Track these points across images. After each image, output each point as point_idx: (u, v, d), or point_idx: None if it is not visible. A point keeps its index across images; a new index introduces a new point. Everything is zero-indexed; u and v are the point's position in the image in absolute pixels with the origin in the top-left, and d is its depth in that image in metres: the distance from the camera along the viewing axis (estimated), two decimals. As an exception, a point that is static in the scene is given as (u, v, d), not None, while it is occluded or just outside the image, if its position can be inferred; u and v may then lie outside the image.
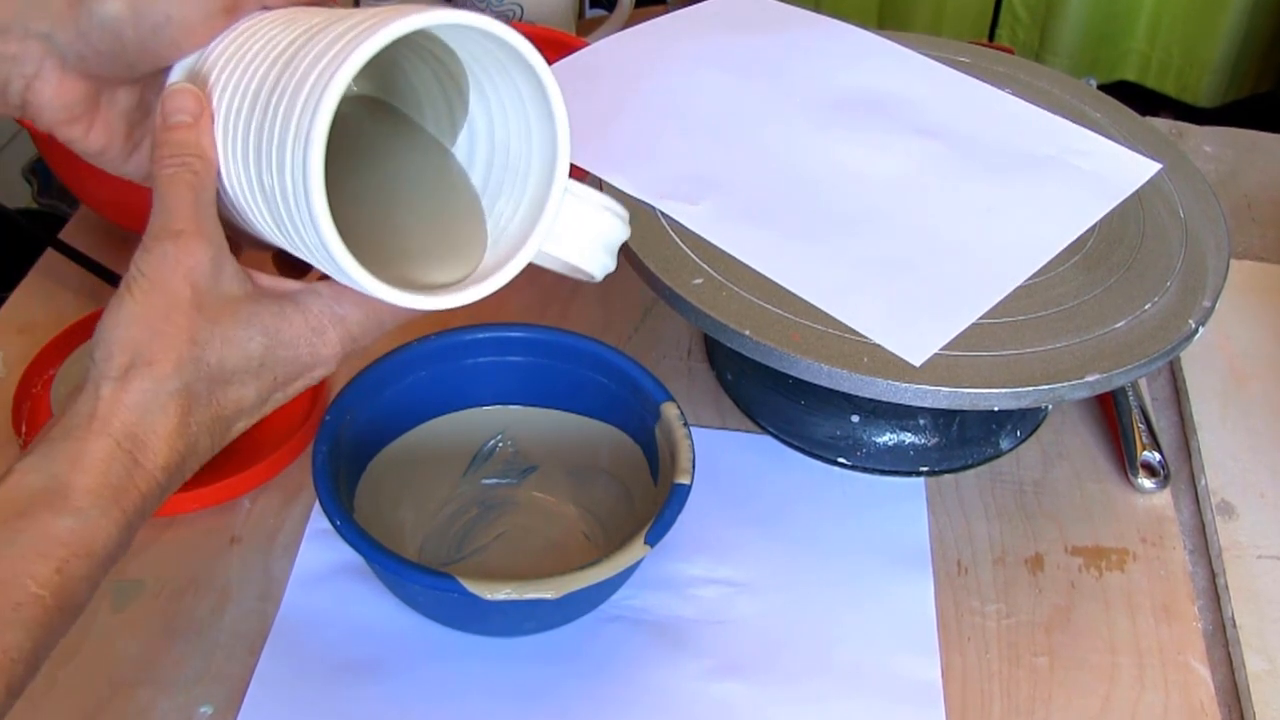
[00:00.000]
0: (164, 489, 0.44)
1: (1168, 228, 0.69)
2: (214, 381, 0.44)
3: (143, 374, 0.43)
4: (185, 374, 0.43)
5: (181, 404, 0.43)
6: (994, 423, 0.70)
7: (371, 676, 0.59)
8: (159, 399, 0.43)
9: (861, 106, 0.74)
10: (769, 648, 0.61)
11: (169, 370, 0.43)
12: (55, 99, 0.47)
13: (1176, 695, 0.60)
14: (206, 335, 0.44)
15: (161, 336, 0.43)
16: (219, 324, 0.44)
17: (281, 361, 0.45)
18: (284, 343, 0.45)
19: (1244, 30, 1.49)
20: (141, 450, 0.43)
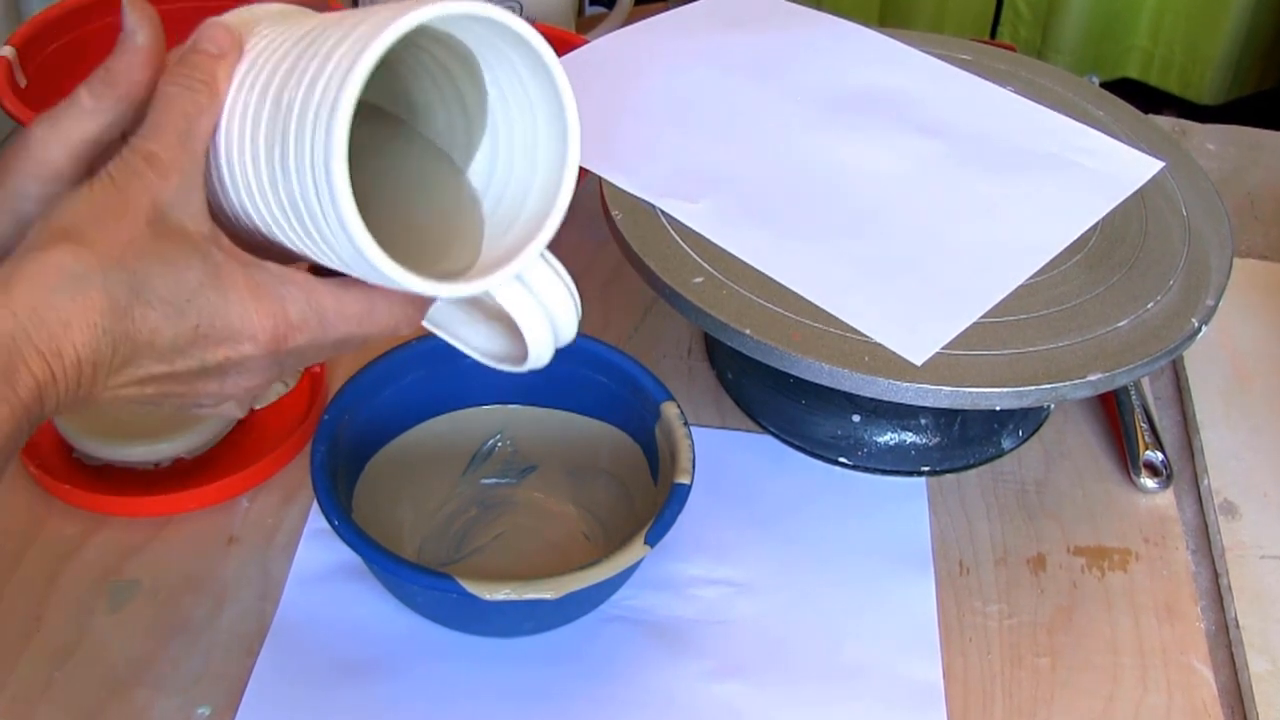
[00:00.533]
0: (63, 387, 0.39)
1: (1170, 226, 0.69)
2: (136, 294, 0.40)
3: (68, 251, 0.39)
4: (110, 272, 0.40)
5: (97, 299, 0.39)
6: (996, 422, 0.70)
7: (370, 677, 0.58)
8: (75, 282, 0.39)
9: (863, 104, 0.74)
10: (769, 648, 0.61)
11: (95, 259, 0.40)
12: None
13: (1179, 696, 0.60)
14: (146, 247, 0.41)
15: (103, 229, 0.40)
16: (164, 241, 0.41)
17: (209, 308, 0.42)
18: (218, 288, 0.42)
19: (1247, 27, 1.49)
20: (39, 330, 0.38)
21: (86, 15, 0.84)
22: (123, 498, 0.64)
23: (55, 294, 0.39)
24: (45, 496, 0.65)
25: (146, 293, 0.41)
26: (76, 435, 0.65)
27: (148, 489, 0.65)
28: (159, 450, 0.65)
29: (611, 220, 0.66)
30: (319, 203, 0.41)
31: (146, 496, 0.64)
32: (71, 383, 0.40)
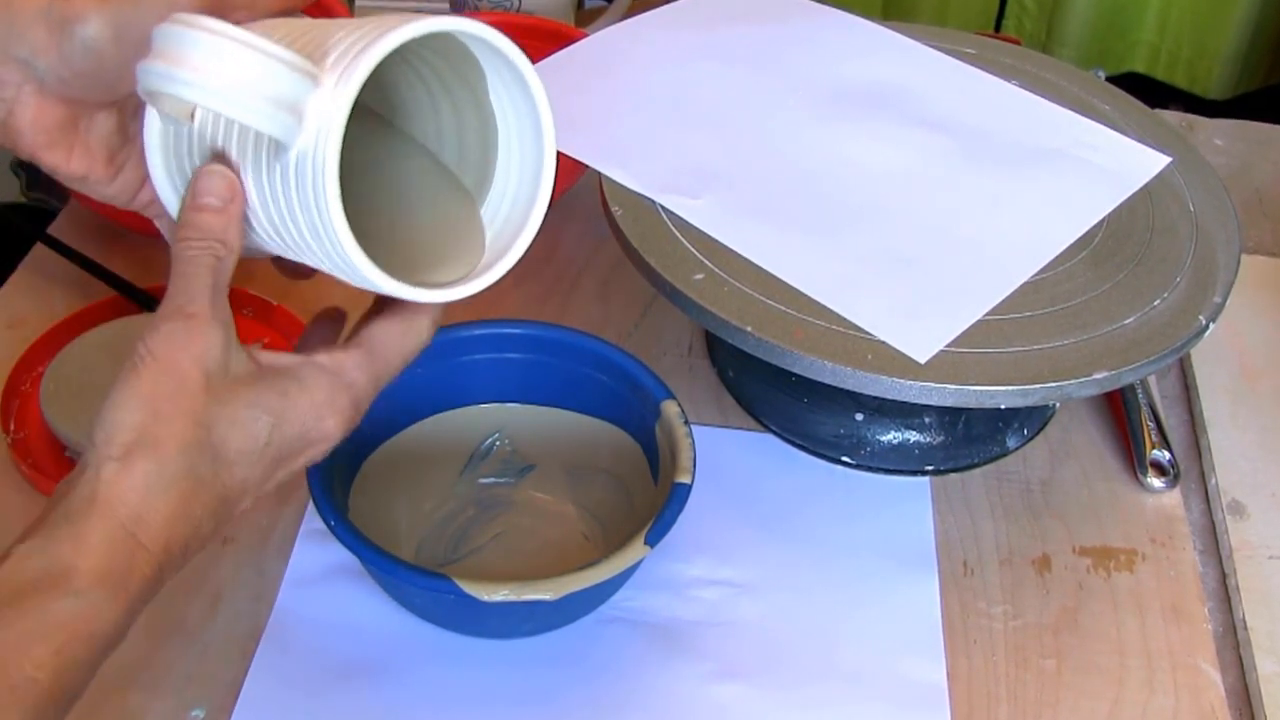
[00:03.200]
0: (164, 572, 0.43)
1: (1177, 222, 0.68)
2: (219, 463, 0.44)
3: (147, 455, 0.42)
4: (190, 456, 0.43)
5: (185, 486, 0.43)
6: (1000, 421, 0.69)
7: (367, 679, 0.58)
8: (163, 480, 0.42)
9: (866, 99, 0.73)
10: (771, 650, 0.60)
11: (173, 452, 0.42)
12: (35, 123, 0.46)
13: (1186, 698, 0.59)
14: (213, 417, 0.43)
15: (167, 418, 0.43)
16: (226, 406, 0.44)
17: (286, 440, 0.45)
18: (289, 420, 0.45)
19: (1255, 21, 1.48)
20: (144, 532, 0.42)
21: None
22: (116, 497, 0.63)
23: (150, 498, 0.42)
24: (38, 496, 0.64)
25: (227, 456, 0.44)
26: (70, 434, 0.64)
27: (142, 488, 0.64)
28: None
29: (611, 216, 0.66)
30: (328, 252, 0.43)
31: (140, 496, 0.64)
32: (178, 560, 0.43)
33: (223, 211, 0.45)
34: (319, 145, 0.42)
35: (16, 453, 0.65)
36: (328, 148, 0.41)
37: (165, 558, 0.43)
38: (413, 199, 0.50)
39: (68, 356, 0.68)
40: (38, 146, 0.47)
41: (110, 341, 0.69)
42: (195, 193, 0.45)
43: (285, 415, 0.45)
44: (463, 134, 0.50)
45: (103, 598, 0.41)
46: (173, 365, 0.43)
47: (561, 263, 0.80)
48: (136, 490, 0.42)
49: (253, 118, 0.41)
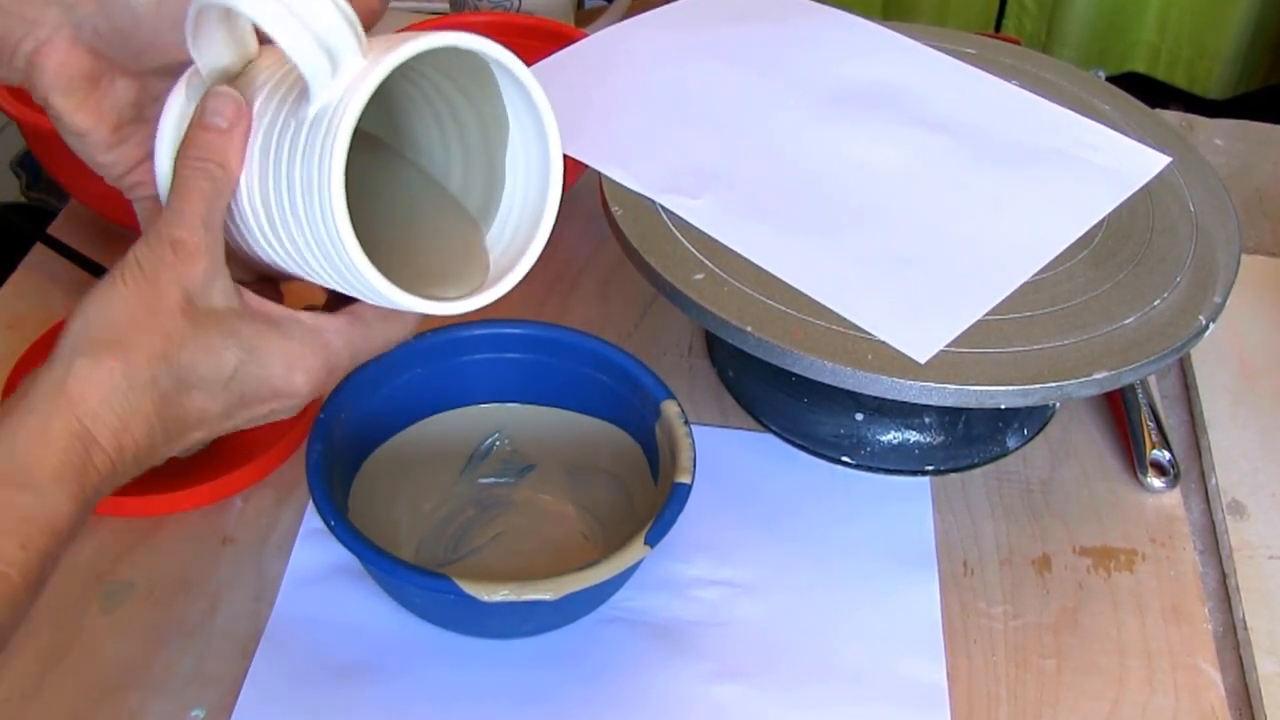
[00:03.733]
0: (116, 473, 0.44)
1: (1177, 222, 0.68)
2: (182, 383, 0.45)
3: (117, 356, 0.43)
4: (157, 368, 0.44)
5: (146, 396, 0.44)
6: (1000, 421, 0.69)
7: (366, 679, 0.58)
8: (126, 384, 0.43)
9: (866, 99, 0.73)
10: (771, 650, 0.60)
11: (142, 361, 0.43)
12: (60, 68, 0.47)
13: (1186, 698, 0.59)
14: (185, 338, 0.44)
15: (143, 328, 0.44)
16: (200, 330, 0.45)
17: (252, 379, 0.46)
18: (258, 361, 0.46)
19: (1255, 21, 1.48)
20: (102, 432, 0.43)
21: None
22: (115, 498, 0.62)
23: (112, 400, 0.43)
24: (38, 496, 0.64)
25: (192, 380, 0.45)
26: (70, 434, 0.64)
27: (141, 489, 0.63)
28: (153, 449, 0.64)
29: (611, 216, 0.66)
30: (334, 251, 0.44)
31: (139, 496, 0.64)
32: (130, 466, 0.44)
33: (227, 133, 0.46)
34: (340, 104, 0.42)
35: (16, 453, 0.65)
36: (348, 108, 0.42)
37: (118, 458, 0.44)
38: (415, 222, 0.51)
39: (67, 356, 0.68)
40: (54, 89, 0.48)
41: (110, 341, 0.68)
42: (203, 111, 0.46)
43: (256, 355, 0.46)
44: (468, 158, 0.51)
45: (61, 494, 0.42)
46: (155, 280, 0.44)
47: (561, 263, 0.80)
48: (101, 389, 0.43)
49: (293, 42, 0.42)
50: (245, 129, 0.46)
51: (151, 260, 0.44)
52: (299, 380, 0.47)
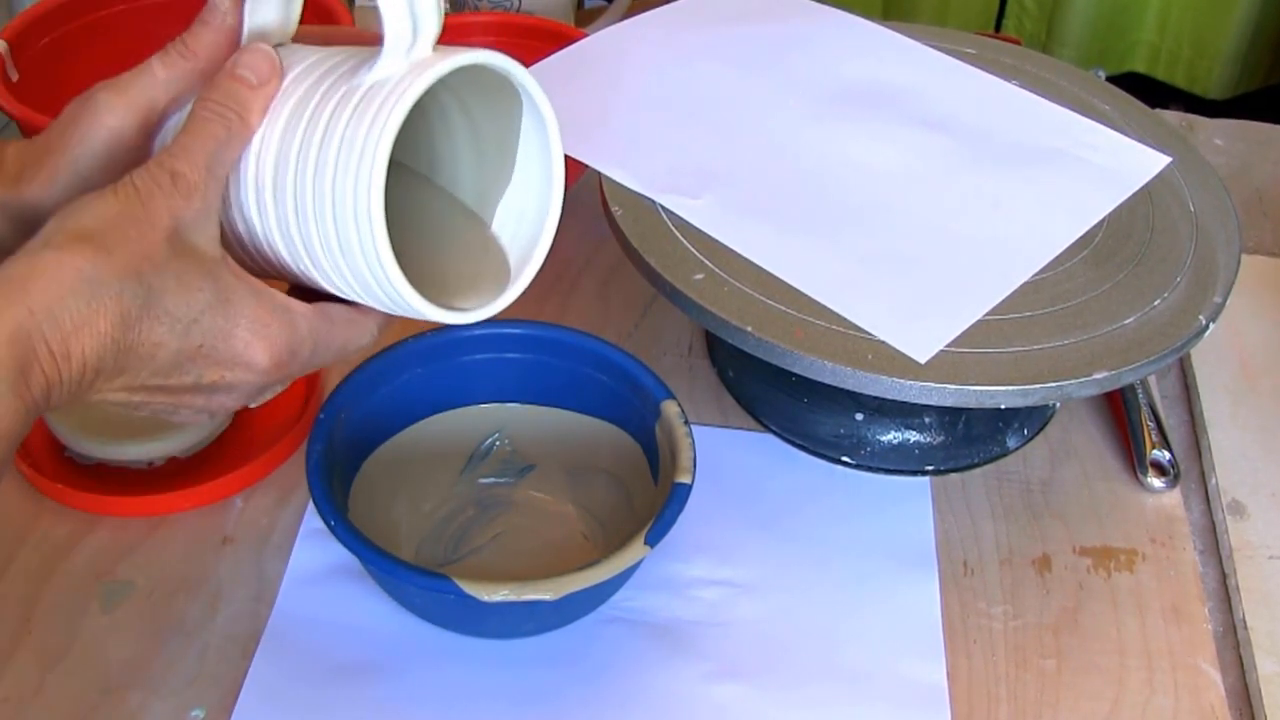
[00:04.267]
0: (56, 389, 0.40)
1: (1177, 222, 0.68)
2: (147, 308, 0.42)
3: (88, 254, 0.40)
4: (127, 282, 0.41)
5: (111, 307, 0.40)
6: (1000, 421, 0.69)
7: (366, 679, 0.58)
8: (92, 288, 0.40)
9: (866, 99, 0.73)
10: (771, 650, 0.60)
11: (115, 267, 0.41)
12: None
13: (1186, 698, 0.59)
14: (163, 263, 0.42)
15: (124, 236, 0.41)
16: (179, 261, 0.43)
17: (216, 330, 0.43)
18: (227, 314, 0.44)
19: (1255, 21, 1.48)
20: (52, 331, 0.39)
21: (79, 9, 0.84)
22: (116, 497, 0.64)
23: (71, 297, 0.40)
24: (37, 496, 0.64)
25: (157, 307, 0.42)
26: (69, 435, 0.64)
27: (141, 489, 0.64)
28: (152, 449, 0.65)
29: (611, 216, 0.66)
30: (363, 257, 0.44)
31: (140, 496, 0.64)
32: (72, 384, 0.41)
33: (256, 88, 0.45)
34: (405, 79, 0.43)
35: (16, 453, 0.65)
36: (414, 83, 0.42)
37: (63, 367, 0.40)
38: (428, 229, 0.51)
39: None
40: None
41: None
42: (235, 63, 0.45)
43: (226, 307, 0.44)
44: (481, 168, 0.51)
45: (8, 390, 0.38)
46: (150, 203, 0.42)
47: (561, 263, 0.80)
48: (61, 283, 0.40)
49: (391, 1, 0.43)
50: (274, 91, 0.45)
51: (147, 184, 0.43)
52: (259, 349, 0.44)
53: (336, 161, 0.43)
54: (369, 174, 0.42)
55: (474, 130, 0.51)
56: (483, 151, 0.51)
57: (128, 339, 0.41)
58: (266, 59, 0.45)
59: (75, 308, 0.40)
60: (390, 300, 0.46)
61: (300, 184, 0.45)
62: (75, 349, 0.40)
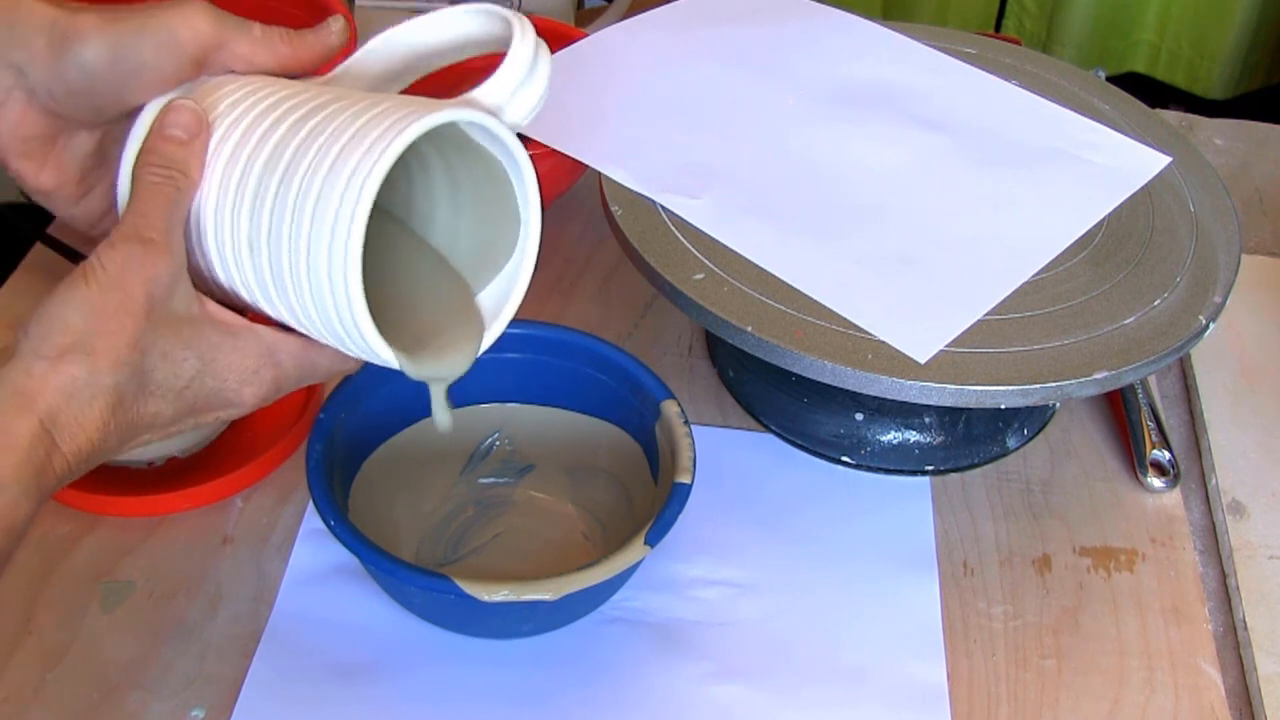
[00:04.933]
0: (69, 476, 0.44)
1: (1177, 222, 0.68)
2: (141, 389, 0.45)
3: (80, 362, 0.43)
4: (120, 374, 0.44)
5: (108, 401, 0.44)
6: (1000, 421, 0.69)
7: (366, 679, 0.58)
8: (90, 390, 0.43)
9: (866, 99, 0.73)
10: (771, 650, 0.60)
11: (106, 366, 0.44)
12: (15, 130, 0.48)
13: (1186, 698, 0.59)
14: (148, 344, 0.45)
15: (107, 333, 0.44)
16: (162, 338, 0.45)
17: (205, 389, 0.47)
18: (213, 373, 0.47)
19: (1255, 21, 1.48)
20: (61, 435, 0.43)
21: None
22: (116, 497, 0.63)
23: (72, 403, 0.43)
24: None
25: (149, 385, 0.45)
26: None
27: (141, 488, 0.64)
28: (152, 449, 0.64)
29: (611, 216, 0.66)
30: (334, 307, 0.45)
31: (140, 496, 0.64)
32: (80, 467, 0.45)
33: (187, 144, 0.46)
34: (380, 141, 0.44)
35: (16, 453, 0.65)
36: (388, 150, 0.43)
37: (74, 459, 0.44)
38: (405, 281, 0.52)
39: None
40: (11, 153, 0.48)
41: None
42: (162, 124, 0.46)
43: (212, 367, 0.47)
44: (458, 215, 0.52)
45: (20, 493, 0.42)
46: (121, 283, 0.44)
47: (561, 263, 0.80)
48: (61, 392, 0.43)
49: None
50: (205, 141, 0.46)
51: (117, 262, 0.44)
52: (247, 393, 0.48)
53: (310, 232, 0.44)
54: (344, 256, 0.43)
55: (451, 175, 0.51)
56: (459, 200, 0.51)
57: (126, 419, 0.45)
58: (191, 114, 0.46)
59: (77, 410, 0.43)
60: (368, 356, 0.47)
61: (274, 247, 0.45)
62: (82, 443, 0.44)
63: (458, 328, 0.51)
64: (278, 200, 0.45)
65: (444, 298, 0.52)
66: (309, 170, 0.44)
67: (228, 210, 0.46)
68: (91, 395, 0.43)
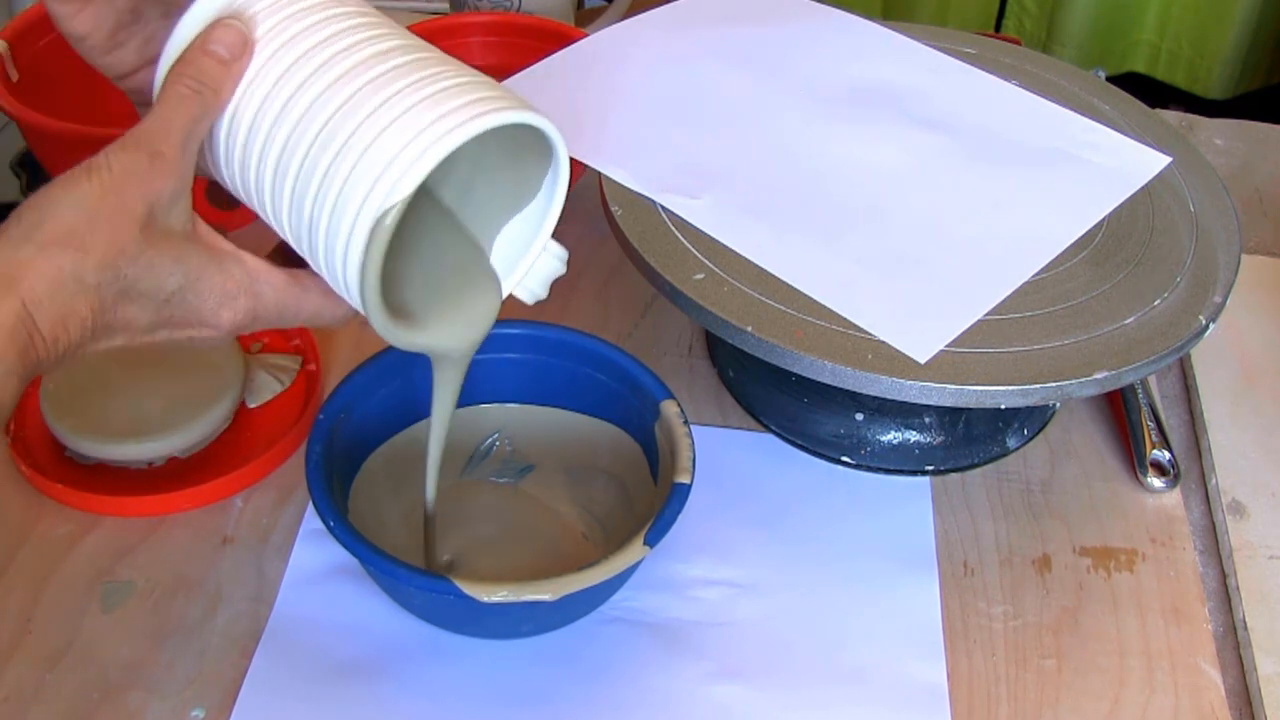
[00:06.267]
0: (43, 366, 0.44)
1: (1178, 222, 0.68)
2: (123, 295, 0.45)
3: (70, 255, 0.43)
4: (104, 276, 0.44)
5: (91, 299, 0.44)
6: (1000, 421, 0.69)
7: (366, 679, 0.58)
8: (74, 283, 0.43)
9: (866, 98, 0.73)
10: (771, 650, 0.60)
11: (93, 265, 0.44)
12: None
13: (1186, 698, 0.59)
14: (137, 252, 0.45)
15: (100, 233, 0.44)
16: (151, 249, 0.45)
17: (185, 305, 0.47)
18: (195, 291, 0.47)
19: (1255, 21, 1.48)
20: (43, 321, 0.43)
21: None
22: (116, 497, 0.63)
23: (58, 294, 0.43)
24: (37, 496, 0.64)
25: (132, 292, 0.45)
26: (69, 435, 0.64)
27: (141, 489, 0.64)
28: (152, 449, 0.65)
29: (611, 216, 0.66)
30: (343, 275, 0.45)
31: (140, 496, 0.64)
32: (57, 359, 0.44)
33: (227, 65, 0.46)
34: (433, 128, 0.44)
35: (16, 453, 0.65)
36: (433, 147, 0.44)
37: (52, 349, 0.44)
38: (420, 246, 0.52)
39: (67, 356, 0.68)
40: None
41: (110, 341, 0.68)
42: (206, 39, 0.46)
43: (194, 286, 0.46)
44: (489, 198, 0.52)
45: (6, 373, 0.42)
46: (123, 189, 0.44)
47: (561, 263, 0.80)
48: (48, 280, 0.43)
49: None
50: (244, 66, 0.47)
51: (124, 167, 0.45)
52: (225, 316, 0.48)
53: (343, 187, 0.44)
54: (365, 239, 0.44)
55: (482, 159, 0.51)
56: (490, 179, 0.51)
57: (105, 320, 0.45)
58: (235, 32, 0.46)
59: (61, 301, 0.43)
60: (365, 315, 0.46)
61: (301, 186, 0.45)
62: (61, 334, 0.44)
63: (465, 302, 0.51)
64: (316, 145, 0.45)
65: (453, 271, 0.52)
66: (357, 129, 0.44)
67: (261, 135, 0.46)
68: (76, 289, 0.43)
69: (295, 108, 0.45)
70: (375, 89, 0.45)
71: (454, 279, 0.52)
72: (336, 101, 0.45)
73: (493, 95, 0.45)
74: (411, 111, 0.44)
